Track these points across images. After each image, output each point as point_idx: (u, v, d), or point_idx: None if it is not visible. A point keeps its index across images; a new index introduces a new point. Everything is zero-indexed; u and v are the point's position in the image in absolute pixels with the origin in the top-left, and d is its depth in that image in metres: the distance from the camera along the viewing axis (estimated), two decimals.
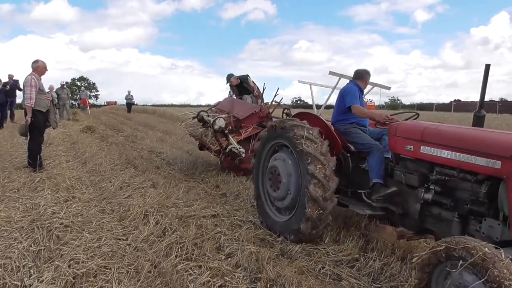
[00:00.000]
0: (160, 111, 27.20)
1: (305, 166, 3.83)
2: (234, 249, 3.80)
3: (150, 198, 5.25)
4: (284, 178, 4.15)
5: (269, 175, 4.41)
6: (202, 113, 7.20)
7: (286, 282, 3.11)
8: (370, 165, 3.98)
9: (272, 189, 4.35)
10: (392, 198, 3.74)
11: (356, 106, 4.33)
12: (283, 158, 4.23)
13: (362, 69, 4.67)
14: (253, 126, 7.01)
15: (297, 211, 3.98)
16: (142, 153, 9.55)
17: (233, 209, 5.16)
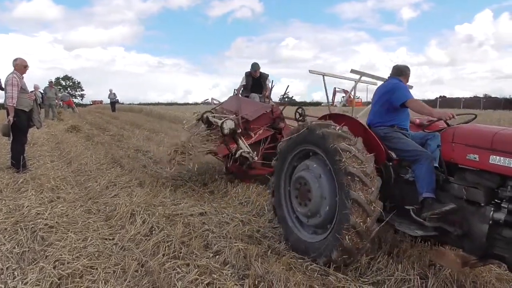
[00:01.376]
0: (146, 109, 27.01)
1: (345, 187, 3.19)
2: (222, 246, 3.80)
3: (137, 197, 5.21)
4: (316, 197, 3.53)
5: (296, 185, 3.78)
6: (207, 114, 6.49)
7: (274, 278, 3.11)
8: (418, 176, 3.36)
9: (298, 202, 3.77)
10: (447, 216, 3.17)
11: (414, 99, 3.71)
12: (316, 172, 3.56)
13: (402, 65, 4.09)
14: (263, 128, 6.23)
15: (330, 236, 3.37)
16: (129, 152, 9.46)
17: (221, 206, 5.15)
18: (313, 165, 3.64)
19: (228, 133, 5.68)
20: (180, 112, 22.23)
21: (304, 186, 3.64)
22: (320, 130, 3.48)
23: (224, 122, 5.68)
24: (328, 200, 3.45)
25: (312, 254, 3.52)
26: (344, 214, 3.18)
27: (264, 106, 6.54)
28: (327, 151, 3.37)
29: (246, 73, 8.02)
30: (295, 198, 3.82)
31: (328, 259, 3.35)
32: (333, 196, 3.40)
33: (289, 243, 3.85)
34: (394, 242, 4.00)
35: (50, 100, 19.50)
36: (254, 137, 6.11)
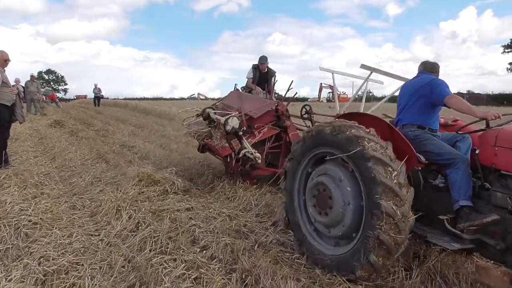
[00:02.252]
0: (132, 104, 26.71)
1: (374, 197, 2.83)
2: (209, 241, 3.80)
3: (123, 193, 5.17)
4: (338, 203, 3.12)
5: (313, 192, 3.38)
6: (208, 110, 6.02)
7: (261, 272, 3.13)
8: (454, 182, 3.07)
9: (317, 211, 3.36)
10: (487, 227, 2.90)
11: (455, 96, 3.37)
12: (338, 177, 3.17)
13: (433, 61, 3.80)
14: (268, 126, 5.80)
15: (355, 250, 3.01)
16: (114, 148, 9.36)
17: (208, 202, 5.14)
18: (332, 169, 3.25)
19: (230, 130, 5.23)
20: (166, 107, 22.05)
21: (324, 192, 3.25)
22: (346, 132, 3.04)
23: (228, 119, 5.20)
24: (353, 206, 3.05)
25: (333, 269, 3.17)
26: (372, 228, 2.83)
27: (269, 103, 6.06)
28: (353, 156, 2.96)
29: (253, 66, 7.64)
30: (312, 207, 3.39)
31: (352, 276, 3.01)
32: (358, 200, 3.02)
33: (305, 255, 3.47)
34: None
35: (32, 95, 19.08)
36: (259, 136, 5.66)
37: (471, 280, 3.16)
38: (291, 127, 5.91)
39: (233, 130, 5.23)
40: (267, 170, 5.69)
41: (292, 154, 3.66)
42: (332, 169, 3.26)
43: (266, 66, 7.58)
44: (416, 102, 3.50)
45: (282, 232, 4.16)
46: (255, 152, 5.33)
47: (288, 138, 5.79)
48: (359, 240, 2.99)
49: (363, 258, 2.91)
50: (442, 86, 3.42)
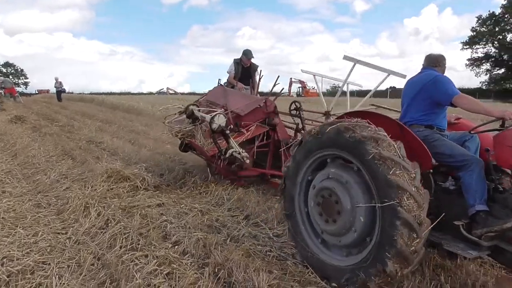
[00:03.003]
0: (98, 99, 25.96)
1: (389, 203, 2.59)
2: (181, 236, 3.78)
3: (91, 190, 5.04)
4: (347, 207, 2.86)
5: (317, 199, 3.09)
6: (192, 107, 5.58)
7: (233, 265, 3.15)
8: (468, 185, 2.88)
9: (323, 219, 3.07)
10: (505, 233, 2.72)
11: (464, 95, 3.12)
12: (344, 179, 2.92)
13: (437, 54, 3.57)
14: (256, 124, 5.46)
15: (366, 260, 2.77)
16: (80, 144, 9.09)
17: (179, 197, 5.10)
18: (336, 172, 3.01)
19: (216, 129, 4.87)
20: (134, 101, 21.57)
21: (329, 198, 2.98)
22: (356, 132, 2.78)
23: (214, 117, 4.84)
24: (363, 207, 2.80)
25: (342, 280, 2.91)
26: (388, 235, 2.60)
27: (257, 100, 5.72)
28: (363, 158, 2.72)
29: (235, 60, 7.25)
30: (318, 217, 3.11)
31: (363, 285, 2.78)
32: (368, 201, 2.79)
33: (310, 266, 3.22)
34: None
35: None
36: (246, 135, 5.32)
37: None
38: (280, 124, 5.68)
39: (220, 128, 4.89)
40: (254, 171, 5.44)
41: (291, 158, 3.35)
42: (336, 171, 3.00)
43: (250, 61, 7.24)
44: (422, 101, 3.28)
45: (254, 225, 4.19)
46: (242, 152, 5.06)
47: (277, 136, 5.57)
48: (373, 247, 2.74)
49: (378, 268, 2.66)
50: (447, 84, 3.19)
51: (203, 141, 5.25)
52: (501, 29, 56.03)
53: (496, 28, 56.11)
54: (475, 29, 57.69)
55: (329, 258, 3.12)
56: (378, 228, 2.70)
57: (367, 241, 2.84)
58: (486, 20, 56.84)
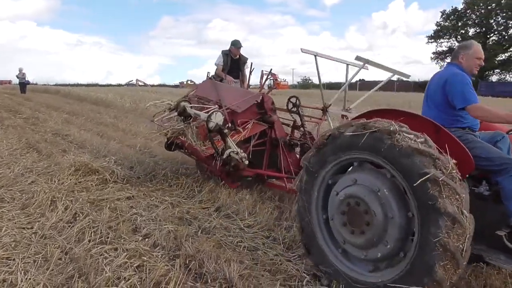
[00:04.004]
0: (64, 91, 25.15)
1: (430, 227, 2.32)
2: (152, 229, 3.76)
3: (57, 184, 4.92)
4: (379, 218, 2.54)
5: (342, 208, 2.75)
6: (183, 103, 5.06)
7: (204, 256, 3.17)
8: (508, 191, 2.63)
9: (348, 230, 2.73)
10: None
11: (480, 106, 2.92)
12: (375, 187, 2.59)
13: (460, 44, 3.30)
14: (253, 121, 5.03)
15: (405, 275, 2.48)
16: (46, 136, 8.80)
17: (149, 190, 5.05)
18: (365, 177, 2.69)
19: (213, 128, 4.41)
20: (102, 93, 21.04)
21: (357, 207, 2.66)
22: (398, 141, 2.42)
23: (211, 115, 4.38)
24: (398, 219, 2.49)
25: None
26: (426, 262, 2.34)
27: (254, 95, 5.22)
28: (402, 166, 2.42)
29: (223, 52, 6.90)
30: (342, 227, 2.76)
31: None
32: (403, 212, 2.50)
33: (324, 276, 2.93)
34: None
35: None
36: (244, 133, 4.87)
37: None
38: (277, 122, 5.26)
39: (217, 127, 4.43)
40: (250, 171, 4.96)
41: (306, 163, 2.99)
42: (365, 177, 2.69)
43: (239, 52, 6.90)
44: (446, 99, 3.05)
45: (225, 217, 4.22)
46: (241, 152, 4.61)
47: (274, 134, 5.14)
48: (409, 265, 2.46)
49: (418, 283, 2.38)
50: (460, 88, 2.96)
51: (196, 140, 4.80)
52: (463, 24, 58.09)
53: (459, 23, 58.15)
54: (439, 23, 59.61)
55: (354, 273, 2.78)
56: (415, 244, 2.41)
57: (400, 256, 2.55)
58: (449, 15, 58.78)
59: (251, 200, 4.54)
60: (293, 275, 3.10)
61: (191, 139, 4.79)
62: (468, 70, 3.16)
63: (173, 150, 5.42)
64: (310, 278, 3.05)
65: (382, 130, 2.51)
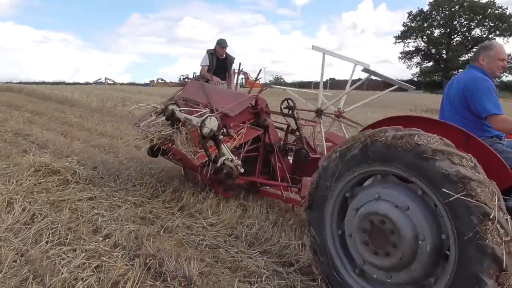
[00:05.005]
0: (28, 89, 24.27)
1: (471, 235, 2.05)
2: (113, 229, 3.74)
3: (15, 185, 4.79)
4: (407, 240, 2.26)
5: (364, 225, 2.46)
6: (172, 107, 4.56)
7: (165, 255, 3.19)
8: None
9: (370, 250, 2.45)
10: None
11: (502, 118, 2.76)
12: (403, 204, 2.32)
13: (479, 46, 3.16)
14: (246, 125, 4.63)
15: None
16: (6, 136, 8.50)
17: (112, 190, 4.98)
18: (391, 192, 2.40)
19: (207, 134, 4.02)
20: (68, 92, 20.45)
21: (382, 225, 2.37)
22: (438, 157, 2.14)
23: (205, 120, 4.00)
24: (430, 242, 2.23)
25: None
26: (468, 279, 2.08)
27: (247, 98, 4.82)
28: (431, 178, 2.16)
29: (208, 51, 6.61)
30: (363, 246, 2.49)
31: None
32: (437, 234, 2.24)
33: None
34: (280, 213, 4.34)
35: None
36: (238, 139, 4.46)
37: None
38: (271, 126, 4.89)
39: (211, 133, 4.05)
40: (242, 179, 4.64)
41: (320, 175, 2.70)
42: (390, 192, 2.41)
43: (225, 51, 6.63)
44: (469, 106, 2.90)
45: (188, 216, 4.24)
46: (236, 159, 4.26)
47: (269, 139, 4.77)
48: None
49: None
50: (480, 97, 2.80)
51: (185, 146, 4.35)
52: (429, 25, 60.01)
53: (425, 24, 60.02)
54: (406, 24, 61.37)
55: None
56: (452, 269, 2.16)
57: (431, 281, 2.30)
58: (416, 16, 60.62)
59: (215, 199, 4.57)
60: (253, 272, 3.16)
61: (180, 146, 4.35)
62: (490, 72, 3.00)
63: (155, 156, 5.04)
64: (269, 274, 3.12)
65: (426, 148, 2.16)
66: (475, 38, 57.82)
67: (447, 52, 58.35)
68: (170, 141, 4.51)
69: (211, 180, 4.54)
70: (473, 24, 57.87)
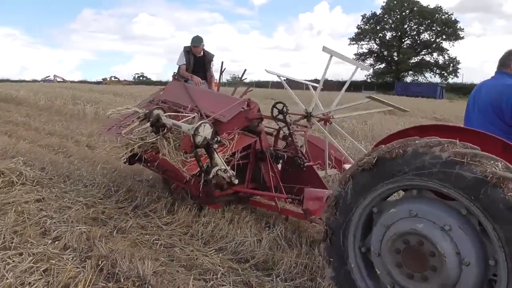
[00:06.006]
0: None
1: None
2: (62, 231, 3.61)
3: None
4: (450, 264, 2.04)
5: (398, 245, 2.21)
6: (157, 111, 4.03)
7: (118, 256, 3.13)
8: None
9: (404, 273, 2.21)
10: None
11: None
12: (446, 224, 2.07)
13: (507, 51, 3.02)
14: (237, 131, 4.18)
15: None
16: None
17: (62, 191, 4.80)
18: (428, 210, 2.15)
19: (200, 143, 3.59)
20: (13, 90, 19.37)
21: (419, 246, 2.14)
22: (487, 172, 1.92)
23: (198, 127, 3.55)
24: (475, 266, 2.02)
25: None
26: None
27: (239, 101, 4.32)
28: (491, 205, 1.93)
29: (184, 49, 6.24)
30: (394, 268, 2.25)
31: None
32: (483, 258, 2.02)
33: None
34: (236, 211, 4.37)
35: None
36: (230, 147, 3.99)
37: None
38: (263, 132, 4.50)
39: (205, 141, 3.63)
40: (235, 190, 4.23)
41: (342, 188, 2.43)
42: (427, 210, 2.16)
43: (202, 49, 6.28)
44: (501, 112, 2.80)
45: (143, 215, 4.17)
46: (229, 170, 3.82)
47: (260, 146, 4.38)
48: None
49: None
50: None
51: (172, 156, 3.86)
52: (381, 28, 62.53)
53: (378, 26, 62.43)
54: (360, 26, 63.57)
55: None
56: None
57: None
58: (369, 19, 62.94)
59: (170, 198, 4.53)
60: (208, 269, 3.18)
61: (168, 155, 3.86)
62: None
63: (132, 163, 4.51)
64: (225, 271, 3.15)
65: (491, 174, 1.92)
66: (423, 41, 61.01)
67: (398, 55, 61.04)
68: (154, 150, 4.04)
69: (199, 192, 4.05)
70: (421, 28, 60.96)
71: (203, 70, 6.33)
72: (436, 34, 60.44)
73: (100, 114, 12.06)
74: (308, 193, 3.60)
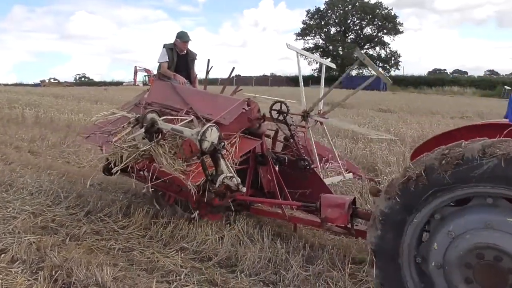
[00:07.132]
0: None
1: None
2: (9, 243, 3.36)
3: None
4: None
5: (469, 259, 2.01)
6: (151, 115, 3.60)
7: (73, 264, 2.97)
8: None
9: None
10: None
11: None
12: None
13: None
14: (237, 134, 3.82)
15: None
16: None
17: (5, 201, 4.46)
18: (506, 221, 1.95)
19: (207, 149, 3.20)
20: None
21: (497, 263, 1.95)
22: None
23: (205, 132, 3.15)
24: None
25: None
26: None
27: (239, 102, 3.92)
28: None
29: (166, 46, 5.87)
30: (462, 283, 2.05)
31: None
32: None
33: None
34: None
35: None
36: (233, 151, 3.66)
37: None
38: (264, 134, 4.17)
39: (212, 147, 3.25)
40: (239, 198, 3.85)
41: (395, 194, 2.19)
42: (505, 221, 1.95)
43: (186, 45, 5.93)
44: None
45: (97, 220, 3.98)
46: (235, 177, 3.40)
47: (261, 149, 4.05)
48: None
49: None
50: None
51: (170, 165, 3.44)
52: (326, 23, 64.25)
53: (322, 22, 64.09)
54: (305, 22, 64.92)
55: None
56: None
57: None
58: (314, 14, 64.42)
59: (125, 201, 4.37)
60: (170, 271, 3.10)
61: (165, 164, 3.43)
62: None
63: (110, 174, 3.83)
64: (188, 271, 3.09)
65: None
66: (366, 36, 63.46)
67: (342, 49, 63.04)
68: (147, 159, 3.59)
69: (198, 202, 3.67)
70: (364, 23, 63.37)
71: (186, 69, 6.03)
72: (377, 29, 63.12)
73: (42, 117, 11.40)
74: (325, 199, 3.23)
